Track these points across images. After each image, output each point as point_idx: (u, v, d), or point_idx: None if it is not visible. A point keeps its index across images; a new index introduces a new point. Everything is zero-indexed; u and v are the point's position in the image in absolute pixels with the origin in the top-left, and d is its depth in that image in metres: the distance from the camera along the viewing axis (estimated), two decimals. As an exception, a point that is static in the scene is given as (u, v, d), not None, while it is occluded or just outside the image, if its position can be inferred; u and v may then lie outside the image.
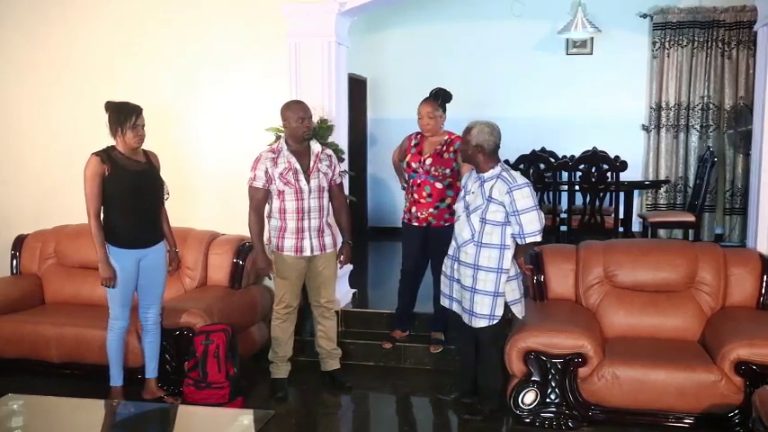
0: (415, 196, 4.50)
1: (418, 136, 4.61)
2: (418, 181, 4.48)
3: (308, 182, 4.06)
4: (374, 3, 5.05)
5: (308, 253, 4.12)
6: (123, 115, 3.85)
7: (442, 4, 7.89)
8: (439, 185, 4.43)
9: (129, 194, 3.88)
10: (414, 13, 7.91)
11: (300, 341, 4.59)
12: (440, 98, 4.56)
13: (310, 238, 4.11)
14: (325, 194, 4.16)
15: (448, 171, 4.42)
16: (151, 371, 4.15)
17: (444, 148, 4.48)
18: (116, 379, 4.05)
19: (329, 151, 4.27)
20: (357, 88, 7.64)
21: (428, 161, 4.45)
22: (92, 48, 5.41)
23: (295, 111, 4.09)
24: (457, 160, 4.36)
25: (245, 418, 2.89)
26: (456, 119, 8.05)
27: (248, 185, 4.10)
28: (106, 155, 3.85)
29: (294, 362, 4.42)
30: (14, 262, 5.16)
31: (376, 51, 8.10)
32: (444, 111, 4.59)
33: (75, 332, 4.45)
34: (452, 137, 4.48)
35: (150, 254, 4.00)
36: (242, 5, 5.12)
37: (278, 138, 4.70)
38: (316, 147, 4.17)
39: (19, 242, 5.19)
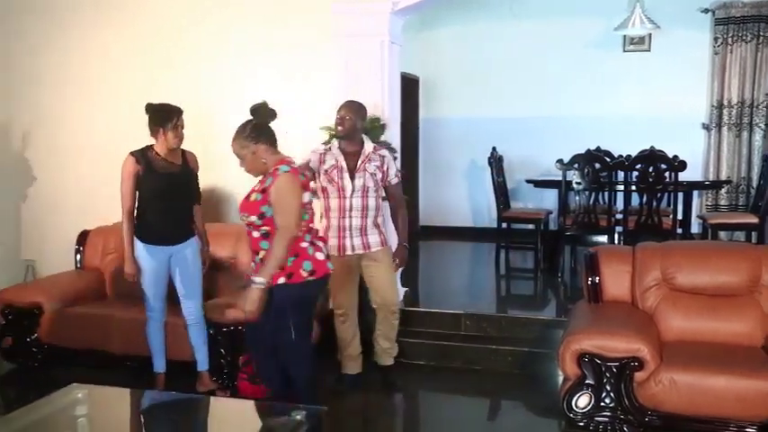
0: None
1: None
2: None
3: (352, 181, 4.06)
4: (427, 1, 5.05)
5: (350, 252, 4.12)
6: (164, 117, 3.95)
7: (495, 2, 7.82)
8: (255, 234, 3.38)
9: (160, 195, 4.00)
10: (466, 12, 7.86)
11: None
12: (247, 129, 3.38)
13: (352, 237, 4.10)
14: (372, 194, 4.10)
15: (254, 218, 3.32)
16: (201, 363, 4.25)
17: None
18: (158, 366, 4.22)
19: (384, 152, 4.21)
20: (410, 87, 7.64)
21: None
22: (138, 46, 5.56)
23: (338, 110, 4.14)
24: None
25: (298, 413, 2.91)
26: (510, 118, 8.04)
27: None
28: (142, 155, 3.99)
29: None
30: (78, 256, 5.33)
31: (429, 50, 8.08)
32: (260, 141, 3.36)
33: (135, 325, 4.57)
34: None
35: (180, 250, 4.11)
36: (294, 5, 5.17)
37: (331, 137, 4.75)
38: (368, 147, 4.16)
39: (83, 237, 5.36)
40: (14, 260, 6.00)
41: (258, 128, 3.38)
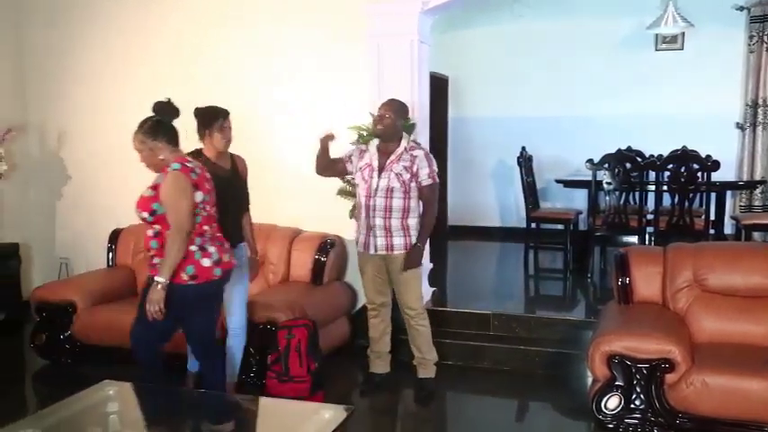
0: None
1: None
2: None
3: (378, 181, 4.05)
4: (457, 1, 5.04)
5: (372, 251, 4.11)
6: (210, 117, 3.89)
7: (525, 2, 7.77)
8: (149, 232, 3.45)
9: (225, 197, 3.78)
10: (496, 11, 7.83)
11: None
12: (146, 125, 3.42)
13: (375, 236, 4.09)
14: (398, 195, 4.01)
15: (145, 214, 3.39)
16: (231, 376, 4.04)
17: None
18: (192, 363, 4.10)
19: (417, 152, 4.09)
20: (439, 87, 7.62)
21: None
22: (171, 45, 5.65)
23: (378, 108, 4.13)
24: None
25: (326, 412, 2.92)
26: (540, 117, 7.99)
27: None
28: (191, 162, 3.73)
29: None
30: (110, 255, 5.42)
31: (458, 50, 8.06)
32: (158, 138, 3.39)
33: (166, 323, 4.63)
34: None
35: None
36: (325, 5, 5.20)
37: (360, 136, 4.76)
38: (401, 146, 4.10)
39: (114, 236, 5.45)
40: (49, 258, 6.13)
41: (157, 125, 3.40)
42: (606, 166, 5.94)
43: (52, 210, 6.15)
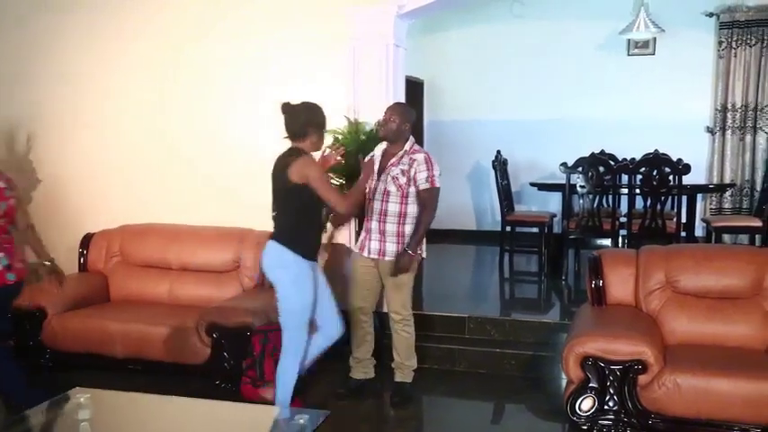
0: None
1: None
2: None
3: (377, 183, 4.05)
4: (432, 5, 5.06)
5: (366, 254, 4.11)
6: (323, 117, 3.69)
7: (499, 5, 7.82)
8: None
9: (315, 205, 3.69)
10: (471, 15, 7.88)
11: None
12: None
13: (370, 240, 4.10)
14: (393, 199, 4.00)
15: None
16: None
17: None
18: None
19: (418, 155, 4.02)
20: (414, 90, 7.64)
21: None
22: (146, 51, 5.57)
23: (384, 111, 4.10)
24: None
25: (301, 417, 2.91)
26: (515, 121, 8.04)
27: None
28: None
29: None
30: (82, 259, 5.34)
31: (433, 53, 8.10)
32: None
33: (139, 328, 4.58)
34: None
35: (316, 267, 3.82)
36: (300, 8, 5.19)
37: (336, 140, 4.74)
38: (402, 149, 4.06)
39: (86, 240, 5.37)
40: (18, 263, 6.01)
41: None
42: (580, 169, 6.00)
43: (22, 214, 6.03)
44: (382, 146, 4.19)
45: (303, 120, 3.66)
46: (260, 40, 5.29)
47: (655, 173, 5.80)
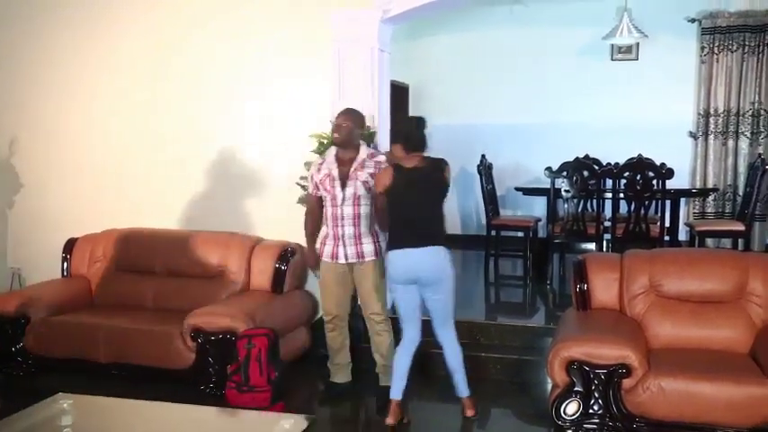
0: None
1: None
2: None
3: (343, 189, 4.06)
4: (417, 10, 5.06)
5: (342, 260, 4.11)
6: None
7: (484, 10, 7.86)
8: None
9: None
10: (456, 20, 7.90)
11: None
12: None
13: (344, 246, 4.10)
14: (364, 202, 4.07)
15: None
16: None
17: None
18: (394, 392, 3.95)
19: (381, 158, 4.17)
20: (399, 95, 7.65)
21: None
22: (134, 52, 5.54)
23: (335, 117, 4.14)
24: None
25: (286, 422, 2.91)
26: (499, 125, 8.07)
27: None
28: None
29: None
30: (65, 264, 5.29)
31: (418, 58, 8.11)
32: None
33: (123, 333, 4.55)
34: None
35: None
36: (286, 11, 5.18)
37: (320, 144, 4.75)
38: (362, 154, 4.13)
39: (69, 245, 5.33)
40: (0, 268, 5.96)
41: None
42: (564, 173, 6.03)
43: (4, 218, 5.97)
44: (328, 154, 4.20)
45: (414, 134, 3.94)
46: (247, 43, 5.27)
47: (638, 177, 5.84)
